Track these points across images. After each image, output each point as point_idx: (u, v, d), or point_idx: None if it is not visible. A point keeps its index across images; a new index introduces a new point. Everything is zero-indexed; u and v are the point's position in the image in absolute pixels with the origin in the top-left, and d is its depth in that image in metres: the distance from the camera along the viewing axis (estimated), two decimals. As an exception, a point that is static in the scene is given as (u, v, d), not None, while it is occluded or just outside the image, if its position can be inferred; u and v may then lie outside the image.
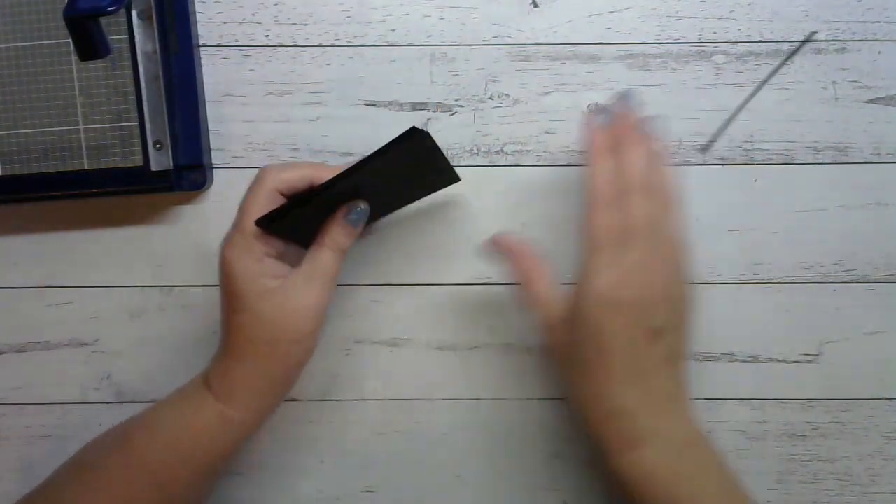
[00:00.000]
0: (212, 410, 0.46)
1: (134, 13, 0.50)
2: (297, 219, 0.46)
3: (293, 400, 0.54)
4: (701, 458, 0.45)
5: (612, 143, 0.45)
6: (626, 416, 0.44)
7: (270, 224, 0.46)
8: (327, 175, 0.46)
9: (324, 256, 0.46)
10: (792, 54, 0.51)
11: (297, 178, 0.46)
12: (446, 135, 0.53)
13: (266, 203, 0.45)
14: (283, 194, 0.46)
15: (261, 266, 0.45)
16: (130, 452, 0.46)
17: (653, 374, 0.44)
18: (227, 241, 0.46)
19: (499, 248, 0.49)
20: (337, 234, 0.46)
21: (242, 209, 0.46)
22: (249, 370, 0.46)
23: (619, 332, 0.43)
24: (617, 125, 0.46)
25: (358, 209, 0.46)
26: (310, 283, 0.46)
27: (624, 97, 0.48)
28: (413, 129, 0.43)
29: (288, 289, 0.45)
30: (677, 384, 0.45)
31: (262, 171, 0.46)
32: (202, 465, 0.46)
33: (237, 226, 0.46)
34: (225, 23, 0.53)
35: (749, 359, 0.54)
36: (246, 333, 0.45)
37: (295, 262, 0.47)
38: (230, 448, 0.47)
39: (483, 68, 0.53)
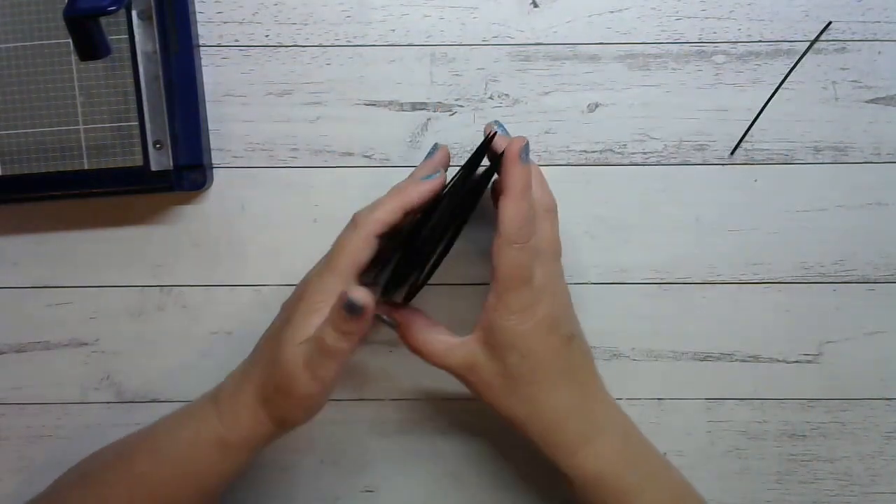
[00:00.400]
0: (212, 434, 0.45)
1: (134, 13, 0.50)
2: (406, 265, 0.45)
3: (293, 400, 0.54)
4: (639, 443, 0.48)
5: (528, 182, 0.45)
6: (569, 417, 0.46)
7: (379, 275, 0.46)
8: (414, 194, 0.45)
9: (326, 333, 0.43)
10: (813, 42, 0.51)
11: (391, 214, 0.45)
12: (446, 135, 0.53)
13: (363, 248, 0.45)
14: (379, 237, 0.45)
15: (323, 310, 0.44)
16: (132, 468, 0.46)
17: (579, 373, 0.47)
18: (317, 275, 0.45)
19: (385, 317, 0.48)
20: (336, 317, 0.42)
21: (337, 253, 0.45)
22: (256, 402, 0.45)
23: (544, 346, 0.45)
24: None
25: (349, 301, 0.41)
26: (310, 354, 0.43)
27: (501, 127, 0.48)
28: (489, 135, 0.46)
29: (301, 347, 0.44)
30: (598, 378, 0.49)
31: (357, 217, 0.45)
32: (202, 485, 0.46)
33: (332, 267, 0.45)
34: (225, 23, 0.53)
35: (749, 359, 0.54)
36: (266, 367, 0.45)
37: None
38: (228, 472, 0.47)
39: (483, 68, 0.53)
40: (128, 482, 0.46)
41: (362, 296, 0.42)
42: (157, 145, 0.51)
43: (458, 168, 0.49)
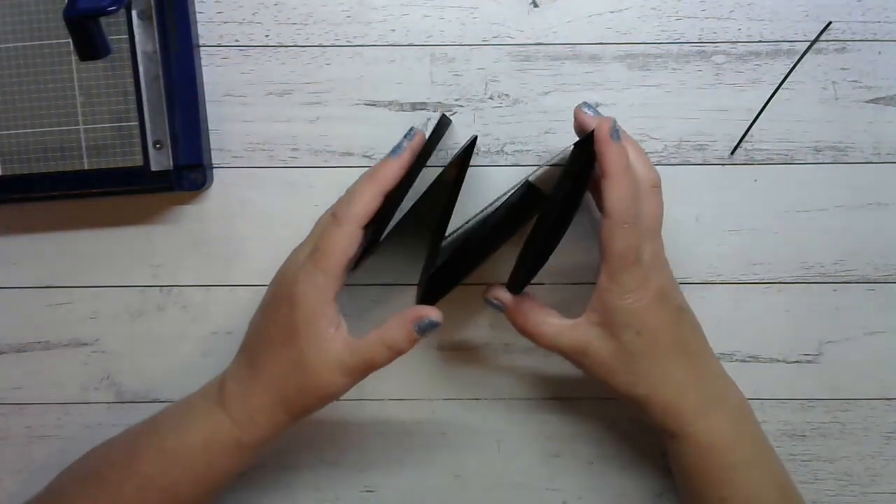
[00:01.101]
0: (228, 436, 0.46)
1: (134, 13, 0.50)
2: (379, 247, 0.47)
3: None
4: (750, 420, 0.49)
5: (627, 160, 0.44)
6: (687, 390, 0.47)
7: (358, 261, 0.46)
8: (389, 175, 0.46)
9: (377, 352, 0.45)
10: (813, 42, 0.51)
11: (372, 203, 0.45)
12: (446, 135, 0.53)
13: (351, 244, 0.45)
14: (364, 228, 0.46)
15: (326, 310, 0.45)
16: (141, 468, 0.47)
17: (691, 343, 0.48)
18: (305, 274, 0.45)
19: (495, 300, 0.49)
20: (399, 338, 0.45)
21: (325, 253, 0.45)
22: (272, 403, 0.46)
23: (658, 320, 0.46)
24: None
25: (429, 321, 0.45)
26: (353, 366, 0.45)
27: (590, 108, 0.48)
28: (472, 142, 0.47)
29: (334, 352, 0.45)
30: (709, 348, 0.49)
31: (338, 213, 0.45)
32: (212, 484, 0.47)
33: (320, 265, 0.45)
34: (225, 23, 0.53)
35: (749, 359, 0.54)
36: (281, 369, 0.45)
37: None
38: (239, 470, 0.48)
39: (483, 68, 0.53)
40: (137, 482, 0.46)
41: (438, 315, 0.45)
42: (157, 145, 0.51)
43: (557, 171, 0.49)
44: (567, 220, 0.46)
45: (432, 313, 0.45)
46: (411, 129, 0.48)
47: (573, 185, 0.46)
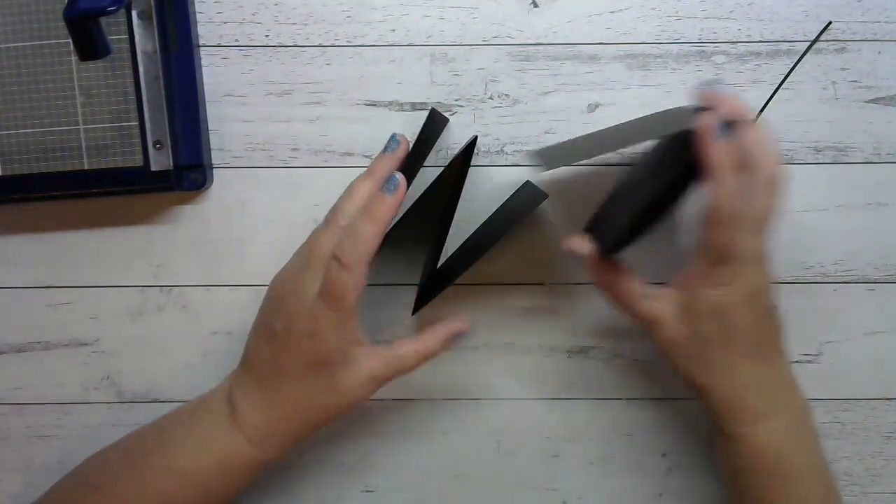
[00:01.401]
0: (248, 458, 0.46)
1: (134, 13, 0.50)
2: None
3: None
4: (809, 429, 0.48)
5: (734, 157, 0.43)
6: (750, 390, 0.46)
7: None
8: (388, 214, 0.45)
9: (410, 362, 0.47)
10: (813, 42, 0.51)
11: (375, 242, 0.45)
12: (446, 135, 0.53)
13: (361, 284, 0.45)
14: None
15: (352, 337, 0.46)
16: (150, 485, 0.46)
17: (768, 345, 0.47)
18: (323, 317, 0.45)
19: (577, 251, 0.48)
20: (433, 345, 0.47)
21: (338, 296, 0.44)
22: (301, 426, 0.47)
23: (745, 318, 0.45)
24: (730, 114, 0.45)
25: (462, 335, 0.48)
26: (384, 376, 0.47)
27: (714, 86, 0.47)
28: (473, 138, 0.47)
29: (367, 368, 0.46)
30: (784, 352, 0.48)
31: (343, 258, 0.44)
32: (223, 496, 0.47)
33: (334, 307, 0.44)
34: (225, 23, 0.53)
35: (749, 359, 0.54)
36: (307, 397, 0.46)
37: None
38: (253, 481, 0.48)
39: (483, 68, 0.53)
40: (142, 494, 0.46)
41: (466, 326, 0.49)
42: (157, 145, 0.51)
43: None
44: (674, 201, 0.45)
45: (464, 327, 0.48)
46: (393, 136, 0.48)
47: (676, 171, 0.45)
